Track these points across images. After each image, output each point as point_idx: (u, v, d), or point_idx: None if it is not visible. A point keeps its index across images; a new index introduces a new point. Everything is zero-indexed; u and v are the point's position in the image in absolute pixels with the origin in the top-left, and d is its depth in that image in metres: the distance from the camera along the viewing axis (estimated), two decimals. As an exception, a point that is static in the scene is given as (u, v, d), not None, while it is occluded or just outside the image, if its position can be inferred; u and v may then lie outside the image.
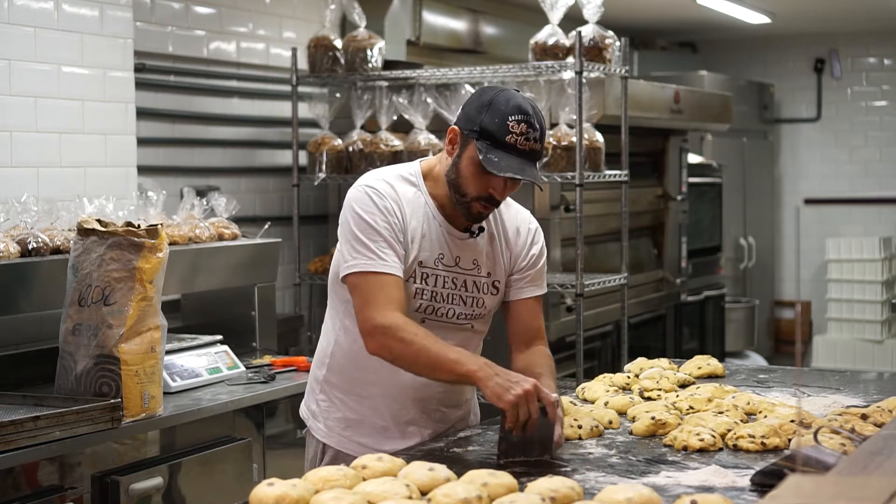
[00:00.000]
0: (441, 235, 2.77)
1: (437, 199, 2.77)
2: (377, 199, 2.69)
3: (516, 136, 2.63)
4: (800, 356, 9.36)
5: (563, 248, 5.40)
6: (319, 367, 2.90)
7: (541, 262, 2.91)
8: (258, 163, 5.59)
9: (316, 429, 2.89)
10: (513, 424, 2.49)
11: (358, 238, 2.67)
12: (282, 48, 5.60)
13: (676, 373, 3.37)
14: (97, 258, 3.29)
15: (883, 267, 9.13)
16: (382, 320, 2.61)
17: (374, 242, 2.66)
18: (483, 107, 2.66)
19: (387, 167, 2.87)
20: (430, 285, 2.76)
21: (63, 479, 3.19)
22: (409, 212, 2.73)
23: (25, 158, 4.06)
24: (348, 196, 2.75)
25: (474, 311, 2.82)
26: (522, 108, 2.65)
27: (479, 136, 2.65)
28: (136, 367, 3.27)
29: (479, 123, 2.65)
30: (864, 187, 9.76)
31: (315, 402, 2.91)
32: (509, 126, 2.63)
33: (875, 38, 9.70)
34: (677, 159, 6.90)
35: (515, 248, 2.87)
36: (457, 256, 2.78)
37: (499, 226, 2.86)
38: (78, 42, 4.23)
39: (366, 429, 2.83)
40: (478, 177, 2.66)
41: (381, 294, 2.63)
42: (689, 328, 7.12)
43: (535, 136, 2.66)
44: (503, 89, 2.71)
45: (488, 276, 2.83)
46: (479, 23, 6.98)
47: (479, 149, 2.63)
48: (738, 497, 2.20)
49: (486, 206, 2.70)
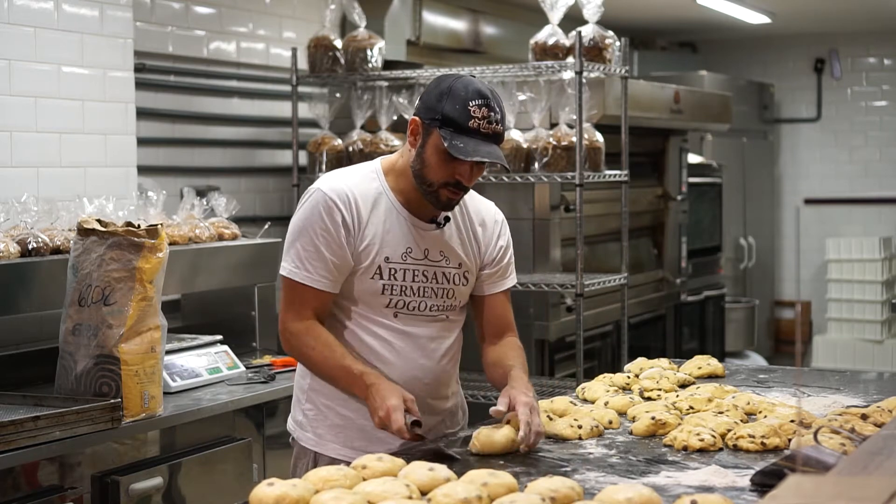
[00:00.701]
0: (407, 230, 2.78)
1: (401, 193, 2.79)
2: (325, 209, 2.72)
3: (478, 121, 2.65)
4: (800, 356, 9.35)
5: (563, 248, 5.39)
6: (303, 376, 2.90)
7: (508, 254, 2.95)
8: (258, 163, 5.59)
9: (305, 439, 2.87)
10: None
11: (293, 243, 2.76)
12: (282, 48, 5.60)
13: (676, 373, 3.37)
14: (97, 258, 3.29)
15: (883, 267, 9.12)
16: (291, 325, 2.76)
17: (306, 251, 2.73)
18: (443, 94, 2.68)
19: (347, 167, 2.90)
20: (399, 280, 2.78)
21: (63, 479, 3.19)
22: (368, 211, 2.75)
23: (25, 158, 4.06)
24: (304, 195, 2.79)
25: (446, 303, 2.85)
26: (482, 92, 2.67)
27: (441, 123, 2.66)
28: (136, 367, 3.27)
29: (440, 111, 2.67)
30: (864, 187, 9.76)
31: (301, 412, 2.89)
32: (471, 111, 2.65)
33: (875, 38, 9.70)
34: (677, 159, 6.89)
35: (483, 239, 2.90)
36: (425, 249, 2.80)
37: (465, 217, 2.88)
38: (78, 42, 4.23)
39: (355, 432, 2.82)
40: (443, 164, 2.68)
41: (299, 302, 2.75)
42: (689, 328, 7.11)
43: (497, 119, 2.68)
44: (459, 76, 2.73)
45: (459, 266, 2.85)
46: (479, 23, 6.97)
47: (444, 136, 2.65)
48: (738, 497, 2.20)
49: (454, 191, 2.73)
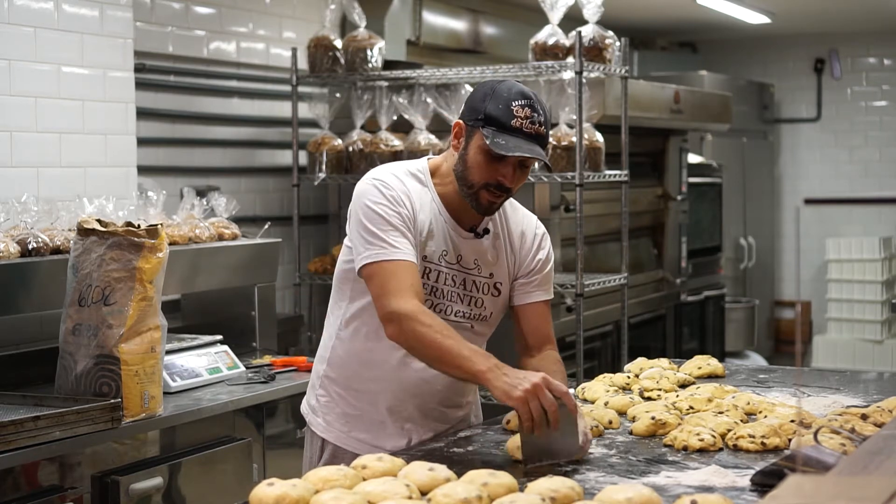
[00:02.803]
0: (446, 233, 2.77)
1: (444, 196, 2.77)
2: (386, 190, 2.70)
3: (521, 120, 2.64)
4: (800, 356, 9.36)
5: (563, 248, 5.39)
6: (320, 362, 2.92)
7: (548, 267, 2.90)
8: (258, 163, 5.59)
9: (316, 424, 2.91)
10: (529, 422, 2.42)
11: (369, 230, 2.67)
12: (282, 48, 5.60)
13: (676, 373, 3.37)
14: (97, 258, 3.29)
15: (883, 267, 9.12)
16: (399, 307, 2.58)
17: (384, 232, 2.65)
18: (486, 95, 2.68)
19: (394, 163, 2.87)
20: (432, 280, 2.76)
21: (63, 479, 3.19)
22: (418, 205, 2.74)
23: (25, 158, 4.06)
24: (357, 190, 2.75)
25: (473, 311, 2.82)
26: (525, 93, 2.68)
27: (484, 123, 2.66)
28: (136, 367, 3.27)
29: (483, 111, 2.67)
30: (864, 187, 9.76)
31: (315, 397, 2.92)
32: (514, 110, 2.64)
33: (875, 38, 9.70)
34: (677, 159, 6.89)
35: (521, 251, 2.86)
36: (459, 255, 2.78)
37: (504, 229, 2.86)
38: (78, 42, 4.22)
39: (364, 424, 2.83)
40: (486, 164, 2.67)
41: (396, 281, 2.61)
42: (689, 328, 7.11)
43: (540, 121, 2.67)
44: (504, 80, 2.74)
45: (490, 276, 2.82)
46: (479, 23, 6.97)
47: (486, 135, 2.64)
48: (738, 497, 2.20)
49: (495, 193, 2.70)
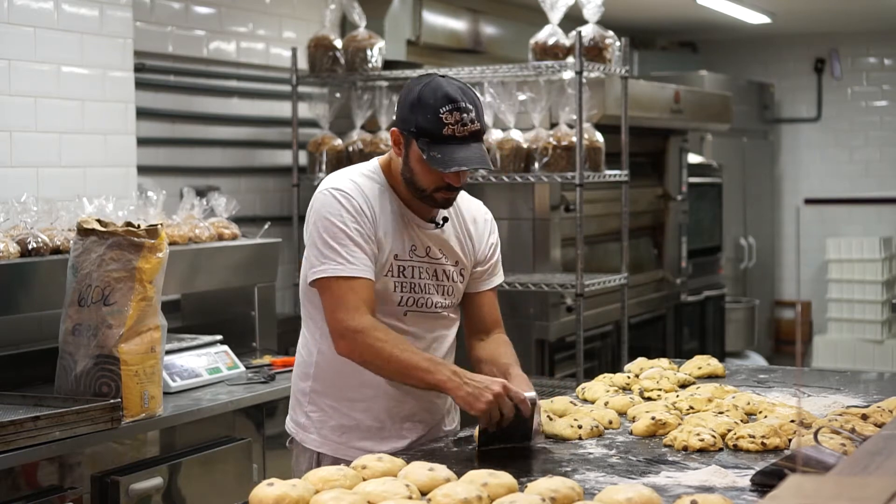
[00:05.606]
0: (411, 228, 2.81)
1: (401, 192, 2.81)
2: (345, 200, 2.73)
3: (452, 127, 2.65)
4: (800, 356, 9.35)
5: (563, 248, 5.39)
6: (304, 379, 2.87)
7: (498, 252, 3.00)
8: (258, 163, 5.59)
9: (308, 440, 2.85)
10: (488, 426, 2.59)
11: (326, 243, 2.70)
12: (282, 48, 5.60)
13: (676, 373, 3.37)
14: (97, 258, 3.29)
15: (883, 267, 9.12)
16: (354, 323, 2.64)
17: (342, 246, 2.68)
18: (413, 106, 2.68)
19: (347, 168, 2.90)
20: (409, 277, 2.79)
21: (63, 479, 3.19)
22: (377, 206, 2.76)
23: (25, 158, 4.06)
24: (314, 200, 2.78)
25: (447, 300, 2.88)
26: (450, 96, 2.66)
27: (417, 135, 2.67)
28: (136, 367, 3.27)
29: (414, 123, 2.67)
30: (864, 187, 9.75)
31: (304, 414, 2.87)
32: (442, 118, 2.64)
33: (875, 38, 9.70)
34: (677, 159, 6.89)
35: (475, 237, 2.93)
36: (427, 247, 2.83)
37: (459, 216, 2.92)
38: (78, 42, 4.22)
39: (362, 432, 2.82)
40: (429, 172, 2.70)
41: (352, 297, 2.66)
42: (689, 328, 7.11)
43: (472, 118, 2.67)
44: (428, 80, 2.71)
45: (456, 264, 2.88)
46: (479, 23, 6.97)
47: (421, 148, 2.66)
48: (739, 497, 2.20)
49: (447, 192, 2.75)
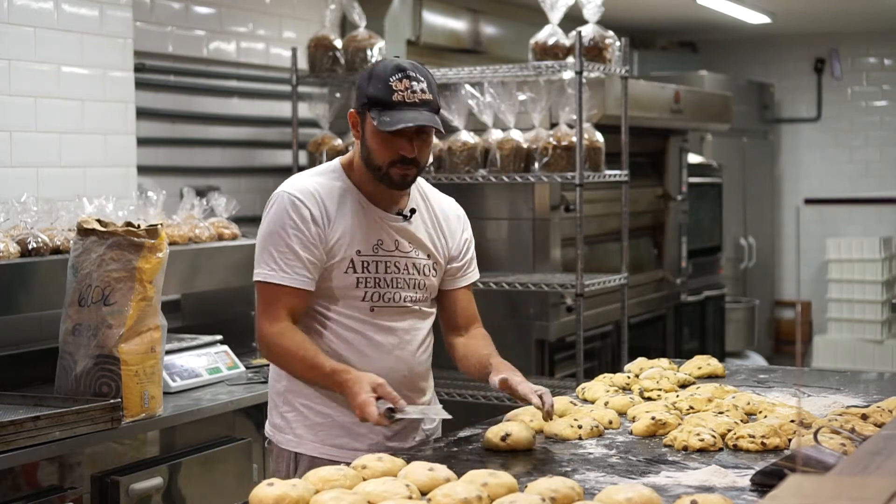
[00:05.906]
0: (376, 223, 2.83)
1: (364, 187, 2.83)
2: (292, 207, 2.76)
3: (402, 93, 2.71)
4: (800, 356, 9.36)
5: (563, 248, 5.39)
6: (278, 380, 2.91)
7: (472, 249, 3.03)
8: (258, 163, 5.59)
9: (286, 441, 2.87)
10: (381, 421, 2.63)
11: (265, 247, 2.78)
12: (282, 48, 5.60)
13: (676, 373, 3.37)
14: (97, 258, 3.29)
15: (883, 267, 9.12)
16: (269, 328, 2.75)
17: (279, 252, 2.75)
18: (366, 80, 2.77)
19: (309, 170, 2.94)
20: (373, 272, 2.81)
21: (63, 479, 3.19)
22: (335, 206, 2.79)
23: (25, 158, 4.06)
24: (269, 202, 2.83)
25: (419, 294, 2.89)
26: (400, 66, 2.75)
27: (369, 106, 2.73)
28: (136, 367, 3.27)
29: (366, 95, 2.74)
30: (864, 187, 9.75)
31: (280, 416, 2.89)
32: (392, 85, 2.71)
33: (875, 38, 9.70)
34: (677, 159, 6.89)
35: (447, 232, 2.96)
36: (396, 241, 2.85)
37: (431, 210, 2.94)
38: (78, 42, 4.22)
39: (336, 430, 2.83)
40: (383, 144, 2.74)
41: (277, 304, 2.75)
42: (689, 328, 7.11)
43: (422, 88, 2.73)
44: (383, 59, 2.83)
45: (428, 257, 2.90)
46: (479, 23, 6.97)
47: (373, 117, 2.71)
48: (739, 497, 2.20)
49: (403, 168, 2.76)
